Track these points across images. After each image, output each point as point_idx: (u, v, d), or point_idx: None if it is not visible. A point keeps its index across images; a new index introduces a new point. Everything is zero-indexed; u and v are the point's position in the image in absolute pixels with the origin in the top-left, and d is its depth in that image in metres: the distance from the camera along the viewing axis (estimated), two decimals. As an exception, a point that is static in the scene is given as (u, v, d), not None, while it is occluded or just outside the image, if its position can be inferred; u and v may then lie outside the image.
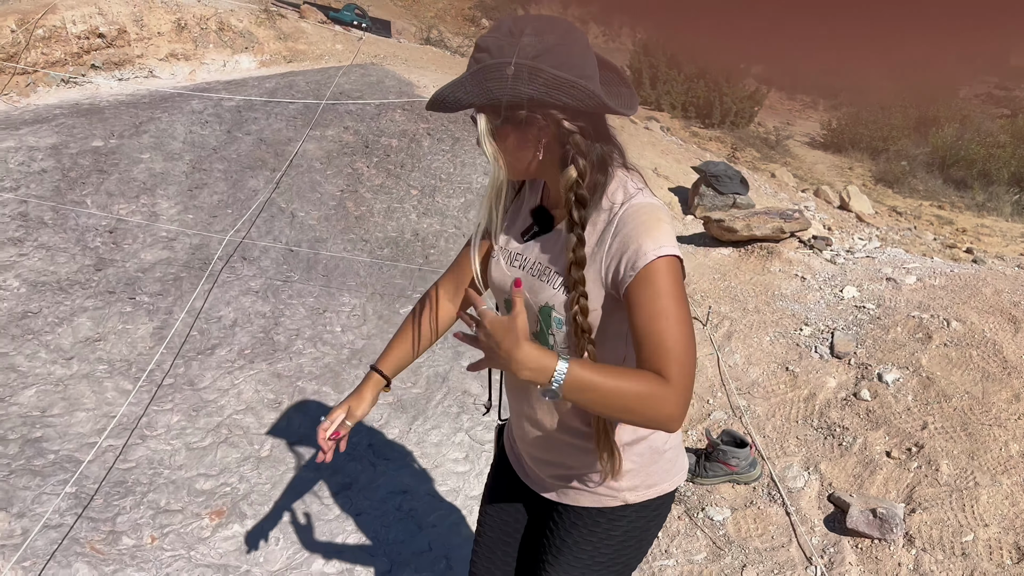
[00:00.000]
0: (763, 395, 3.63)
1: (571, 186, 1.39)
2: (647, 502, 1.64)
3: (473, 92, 1.35)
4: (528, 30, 1.33)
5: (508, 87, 1.32)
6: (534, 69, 1.31)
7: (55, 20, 5.72)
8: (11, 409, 3.19)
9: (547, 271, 1.49)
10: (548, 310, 1.46)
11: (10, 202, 4.22)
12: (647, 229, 1.36)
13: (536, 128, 1.39)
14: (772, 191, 7.57)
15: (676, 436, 1.67)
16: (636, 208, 1.40)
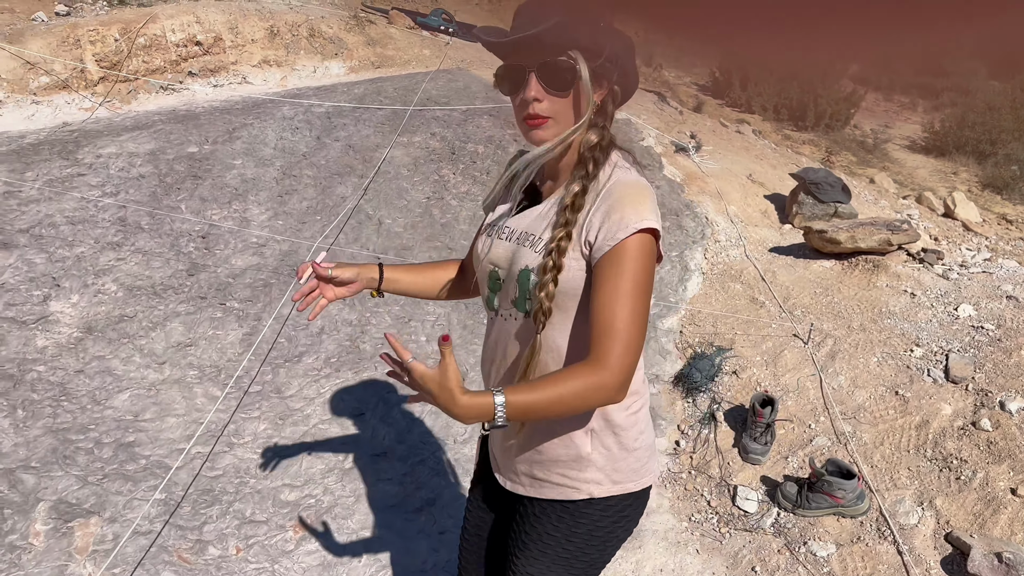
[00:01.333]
0: (870, 421, 3.39)
1: (592, 147, 1.45)
2: (612, 499, 1.61)
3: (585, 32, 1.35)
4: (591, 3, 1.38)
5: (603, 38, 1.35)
6: (616, 30, 1.37)
7: (155, 29, 5.88)
8: (106, 413, 3.25)
9: (529, 237, 1.50)
10: (527, 273, 1.47)
11: (110, 207, 4.32)
12: (630, 201, 1.39)
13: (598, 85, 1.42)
14: (872, 198, 7.20)
15: (648, 436, 1.66)
16: (623, 182, 1.43)
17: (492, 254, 1.59)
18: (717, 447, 3.42)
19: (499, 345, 1.62)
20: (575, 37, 1.35)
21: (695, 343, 3.97)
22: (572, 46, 1.36)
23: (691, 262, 4.59)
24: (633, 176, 1.46)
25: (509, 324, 1.58)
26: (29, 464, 2.95)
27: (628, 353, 1.33)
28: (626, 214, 1.37)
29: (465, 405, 1.24)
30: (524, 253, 1.50)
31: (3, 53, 5.16)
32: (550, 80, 1.41)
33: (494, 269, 1.58)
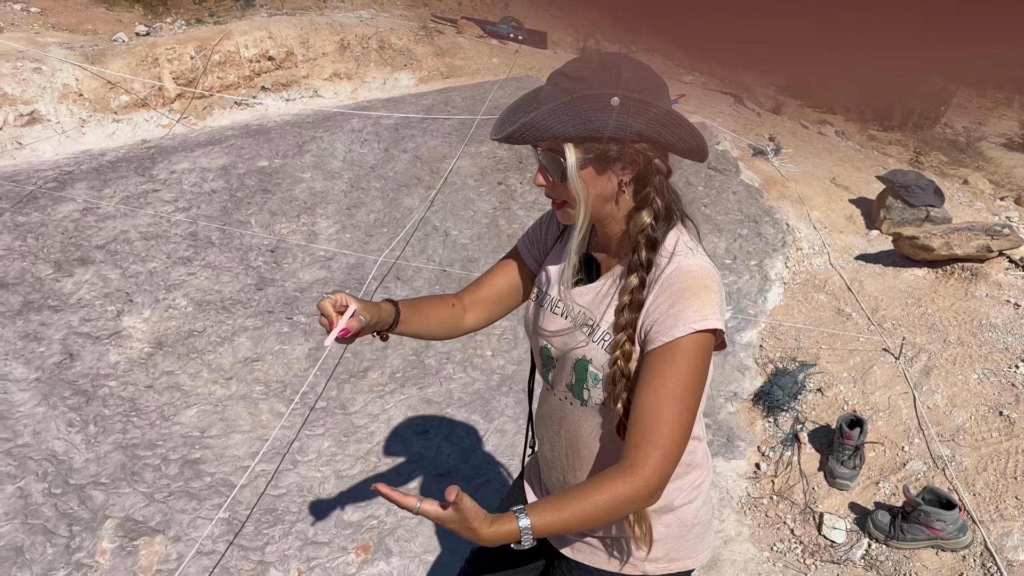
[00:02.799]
0: (971, 444, 3.12)
1: (643, 228, 1.35)
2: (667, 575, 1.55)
3: (569, 122, 1.26)
4: (625, 65, 1.27)
5: (612, 119, 1.25)
6: (643, 103, 1.25)
7: (229, 45, 5.98)
8: (174, 429, 3.25)
9: (588, 322, 1.42)
10: (584, 363, 1.41)
11: (182, 222, 4.38)
12: (694, 295, 1.30)
13: (621, 164, 1.32)
14: (966, 200, 6.78)
15: (707, 511, 1.59)
16: (686, 269, 1.33)
17: (545, 329, 1.51)
18: (801, 471, 3.20)
19: (553, 422, 1.56)
20: (561, 130, 1.26)
21: (776, 358, 3.75)
22: (558, 136, 1.28)
23: (771, 271, 4.36)
24: (696, 262, 1.35)
25: (564, 406, 1.52)
26: (99, 480, 2.97)
27: (667, 463, 1.25)
28: (685, 310, 1.29)
29: (489, 537, 1.20)
30: (578, 338, 1.43)
31: (86, 73, 5.31)
32: (548, 167, 1.35)
33: (547, 346, 1.52)
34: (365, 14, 7.38)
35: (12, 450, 3.00)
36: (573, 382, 1.45)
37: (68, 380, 3.36)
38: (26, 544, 2.67)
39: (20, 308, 3.64)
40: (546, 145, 1.31)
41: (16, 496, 2.82)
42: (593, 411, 1.44)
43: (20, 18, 5.90)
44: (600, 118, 1.25)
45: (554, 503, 1.23)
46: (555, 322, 1.50)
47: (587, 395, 1.43)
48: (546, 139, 1.29)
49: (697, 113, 6.32)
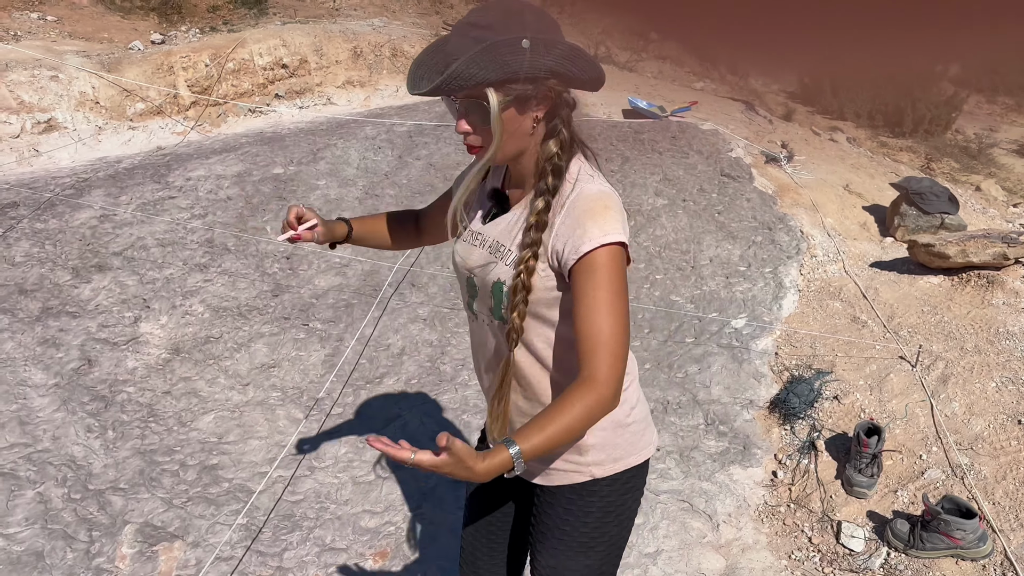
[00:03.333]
0: (990, 453, 3.11)
1: (550, 157, 1.46)
2: (616, 475, 1.68)
3: (489, 68, 1.33)
4: (526, 10, 1.36)
5: (527, 60, 1.33)
6: (549, 41, 1.35)
7: (244, 53, 6.02)
8: (191, 435, 3.27)
9: (500, 248, 1.54)
10: (500, 285, 1.52)
11: (198, 229, 4.41)
12: (594, 214, 1.42)
13: (535, 101, 1.41)
14: (979, 207, 6.76)
15: (641, 409, 1.73)
16: (588, 193, 1.46)
17: (468, 260, 1.62)
18: (818, 479, 3.19)
19: (485, 347, 1.69)
20: (483, 76, 1.34)
21: (792, 366, 3.74)
22: (481, 83, 1.35)
23: (786, 279, 4.36)
24: (596, 187, 1.48)
25: (491, 328, 1.63)
26: (118, 486, 2.99)
27: (617, 363, 1.39)
28: (589, 228, 1.41)
29: (484, 471, 1.28)
30: (495, 266, 1.54)
31: (103, 81, 5.36)
32: (470, 114, 1.43)
33: (470, 276, 1.62)
34: (378, 22, 7.42)
35: (32, 455, 3.02)
36: (492, 304, 1.56)
37: (86, 386, 3.38)
38: (46, 549, 2.68)
39: (39, 314, 3.67)
40: (466, 93, 1.38)
41: (36, 501, 2.84)
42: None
43: (37, 26, 5.95)
44: (516, 60, 1.33)
45: (536, 427, 1.33)
46: (473, 253, 1.60)
47: (505, 314, 1.54)
48: (470, 86, 1.35)
49: (710, 120, 6.33)
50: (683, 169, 5.38)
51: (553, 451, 1.44)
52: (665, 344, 3.93)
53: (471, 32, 1.35)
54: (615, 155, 5.55)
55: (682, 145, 5.73)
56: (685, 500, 3.11)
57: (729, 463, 3.30)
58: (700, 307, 4.18)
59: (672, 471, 3.23)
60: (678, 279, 4.40)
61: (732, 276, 4.40)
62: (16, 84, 5.01)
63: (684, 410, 3.53)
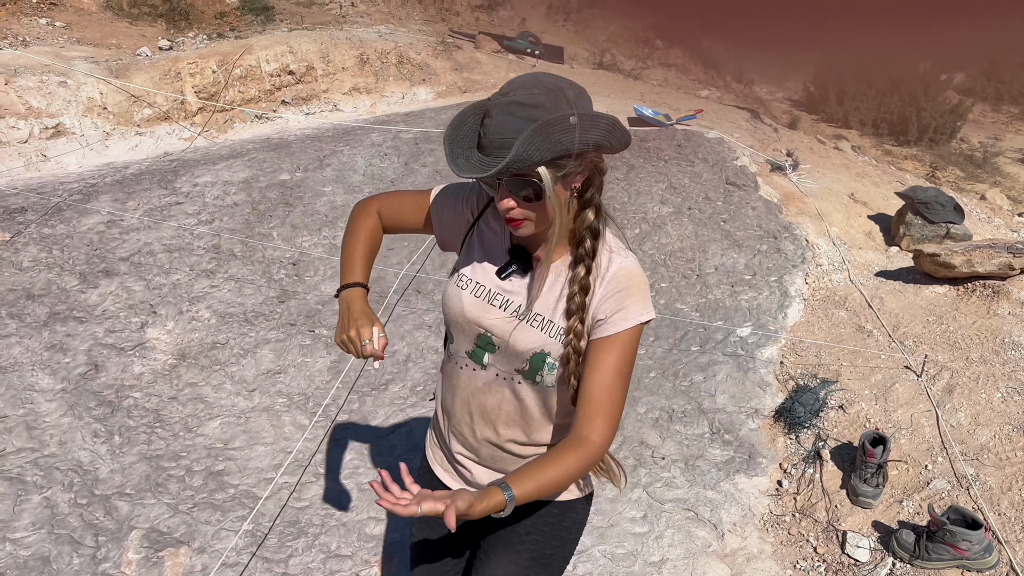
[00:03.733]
0: (995, 463, 3.11)
1: (589, 225, 1.51)
2: (589, 494, 1.82)
3: (543, 147, 1.35)
4: (565, 86, 1.40)
5: (578, 136, 1.37)
6: (593, 116, 1.39)
7: (251, 60, 6.04)
8: (197, 440, 3.28)
9: (537, 317, 1.57)
10: (542, 356, 1.57)
11: (205, 235, 4.42)
12: (638, 291, 1.53)
13: (575, 175, 1.45)
14: (984, 216, 6.75)
15: None
16: (627, 268, 1.55)
17: (484, 319, 1.61)
18: (823, 488, 3.19)
19: (491, 397, 1.67)
20: (540, 156, 1.36)
21: (797, 375, 3.74)
22: (538, 163, 1.37)
23: (791, 287, 4.36)
24: (632, 262, 1.56)
25: (510, 384, 1.64)
26: (124, 491, 3.00)
27: (613, 428, 1.51)
28: (632, 305, 1.51)
29: (480, 512, 1.35)
30: (533, 334, 1.56)
31: (111, 87, 5.38)
32: (518, 193, 1.44)
33: (486, 334, 1.62)
34: (384, 29, 7.44)
35: (39, 460, 3.03)
36: (527, 369, 1.60)
37: (93, 391, 3.39)
38: (53, 554, 2.69)
39: (46, 319, 3.68)
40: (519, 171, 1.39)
41: (43, 506, 2.85)
42: (542, 388, 1.62)
43: (46, 32, 5.98)
44: (567, 138, 1.36)
45: (531, 476, 1.44)
46: (491, 312, 1.60)
47: (540, 378, 1.60)
48: (529, 167, 1.37)
49: (715, 128, 6.34)
50: (688, 177, 5.39)
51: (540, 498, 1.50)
52: (670, 352, 3.94)
53: (520, 111, 1.36)
54: (620, 163, 5.56)
55: (687, 153, 5.74)
56: (690, 509, 3.11)
57: (734, 472, 3.30)
58: (705, 315, 4.18)
59: (677, 480, 3.23)
60: (683, 287, 4.40)
61: (737, 284, 4.40)
62: (24, 89, 5.04)
63: (689, 419, 3.53)
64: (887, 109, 11.59)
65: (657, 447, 3.40)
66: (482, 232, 1.67)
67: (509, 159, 1.33)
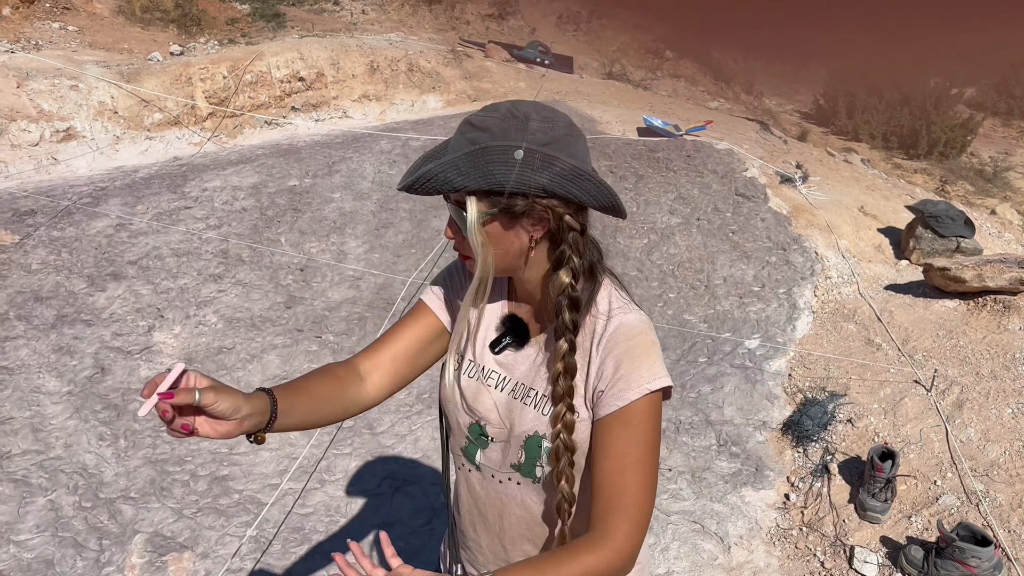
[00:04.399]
0: (1005, 480, 3.08)
1: (563, 290, 1.25)
2: None
3: (471, 175, 1.19)
4: (534, 115, 1.19)
5: (515, 173, 1.17)
6: (548, 156, 1.18)
7: (261, 66, 6.07)
8: (202, 445, 3.27)
9: (531, 393, 1.33)
10: (537, 440, 1.32)
11: (213, 240, 4.43)
12: (642, 353, 1.26)
13: (531, 221, 1.23)
14: (995, 231, 6.71)
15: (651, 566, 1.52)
16: (629, 327, 1.28)
17: (478, 404, 1.38)
18: (831, 502, 3.16)
19: (490, 506, 1.44)
20: (461, 182, 1.20)
21: (805, 388, 3.72)
22: (458, 189, 1.21)
23: (800, 300, 4.34)
24: (634, 317, 1.30)
25: (508, 488, 1.40)
26: (129, 495, 2.99)
27: (637, 531, 1.20)
28: (636, 370, 1.24)
29: None
30: (526, 414, 1.33)
31: (122, 91, 5.41)
32: (455, 219, 1.28)
33: (478, 423, 1.39)
34: (395, 37, 7.47)
35: (44, 462, 3.03)
36: (522, 460, 1.35)
37: (99, 394, 3.39)
38: (56, 557, 2.68)
39: (54, 321, 3.69)
40: (454, 197, 1.24)
41: (47, 509, 2.85)
42: (547, 488, 1.35)
43: (58, 36, 6.02)
44: (501, 172, 1.18)
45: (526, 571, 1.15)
46: (490, 395, 1.37)
47: (540, 472, 1.34)
48: (446, 191, 1.22)
49: (724, 139, 6.33)
50: (698, 188, 5.38)
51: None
52: (678, 363, 3.92)
53: (468, 132, 1.21)
54: (629, 173, 5.55)
55: (697, 164, 5.74)
56: (696, 521, 3.09)
57: (741, 485, 3.27)
58: (713, 327, 4.16)
59: (684, 492, 3.21)
60: (691, 298, 4.39)
61: (746, 296, 4.38)
62: (36, 93, 5.06)
63: (696, 430, 3.51)
64: (897, 122, 11.58)
65: (664, 458, 3.37)
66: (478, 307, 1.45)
67: (419, 173, 1.22)
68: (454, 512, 1.56)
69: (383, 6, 8.49)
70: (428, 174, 1.21)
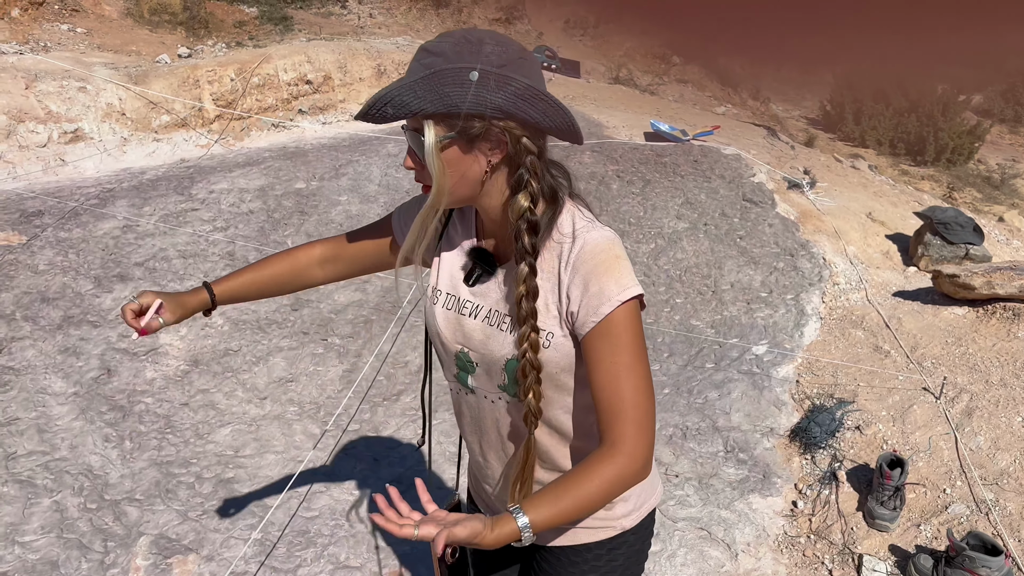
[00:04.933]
0: (1016, 489, 3.05)
1: (522, 214, 1.29)
2: (640, 523, 1.58)
3: (426, 98, 1.21)
4: (488, 39, 1.22)
5: (471, 94, 1.20)
6: (503, 77, 1.20)
7: (269, 69, 6.07)
8: (208, 447, 3.26)
9: (504, 319, 1.39)
10: (513, 363, 1.37)
11: (220, 242, 4.43)
12: (607, 268, 1.29)
13: (488, 144, 1.26)
14: (1003, 238, 6.69)
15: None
16: (593, 245, 1.31)
17: (460, 334, 1.45)
18: (839, 510, 3.14)
19: (487, 424, 1.52)
20: (418, 105, 1.21)
21: (813, 394, 3.70)
22: (414, 112, 1.23)
23: (808, 306, 4.32)
24: (598, 235, 1.33)
25: (498, 406, 1.47)
26: (134, 496, 2.98)
27: (643, 432, 1.28)
28: (605, 286, 1.29)
29: (493, 542, 1.20)
30: (501, 339, 1.39)
31: (129, 93, 5.41)
32: (414, 148, 1.30)
33: (463, 350, 1.45)
34: (402, 40, 7.48)
35: (49, 463, 3.02)
36: (505, 381, 1.42)
37: (105, 395, 3.39)
38: (61, 559, 2.67)
39: (60, 323, 3.69)
40: (411, 123, 1.26)
41: (52, 510, 2.84)
42: None
43: (67, 38, 6.03)
44: (457, 93, 1.20)
45: (549, 497, 1.24)
46: (464, 324, 1.44)
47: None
48: (403, 115, 1.24)
49: (732, 144, 6.32)
50: (705, 193, 5.37)
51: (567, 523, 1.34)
52: (685, 369, 3.90)
53: (423, 58, 1.23)
54: (637, 178, 5.54)
55: (704, 169, 5.72)
56: (703, 528, 3.07)
57: (748, 491, 3.25)
58: (721, 332, 4.15)
59: (691, 498, 3.19)
60: (699, 303, 4.37)
61: (753, 302, 4.36)
62: (44, 94, 5.07)
63: (703, 436, 3.49)
64: (904, 129, 11.56)
65: (671, 464, 3.36)
66: (450, 237, 1.51)
67: (372, 98, 1.23)
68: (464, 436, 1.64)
69: (390, 10, 8.50)
70: (384, 98, 1.22)
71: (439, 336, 1.48)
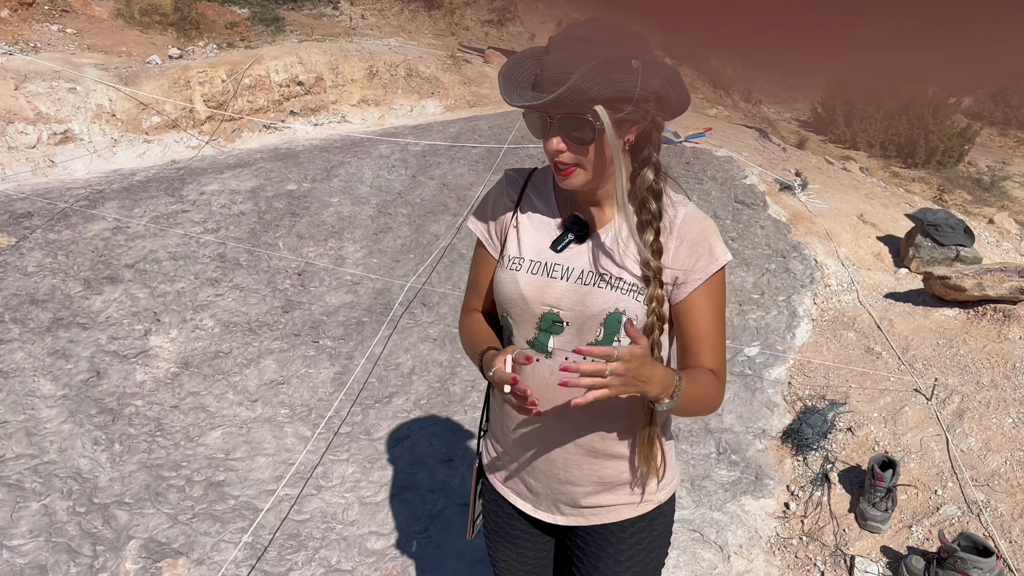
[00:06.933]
0: (1006, 490, 3.06)
1: (649, 185, 1.42)
2: (671, 496, 1.70)
3: (603, 84, 1.27)
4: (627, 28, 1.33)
5: (638, 80, 1.28)
6: (656, 63, 1.31)
7: (260, 70, 6.05)
8: (198, 450, 3.24)
9: (604, 276, 1.46)
10: (617, 316, 1.45)
11: (211, 243, 4.40)
12: (712, 234, 1.47)
13: (629, 125, 1.36)
14: (993, 240, 6.72)
15: None
16: (694, 213, 1.48)
17: (549, 295, 1.49)
18: (831, 511, 3.14)
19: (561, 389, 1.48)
20: (597, 92, 1.28)
21: (805, 396, 3.70)
22: (594, 101, 1.29)
23: (799, 308, 4.33)
24: (694, 208, 1.51)
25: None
26: (123, 500, 2.96)
27: (725, 368, 1.52)
28: (712, 249, 1.46)
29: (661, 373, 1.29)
30: (605, 294, 1.45)
31: (120, 94, 5.39)
32: (570, 133, 1.35)
33: (552, 311, 1.49)
34: (394, 42, 7.46)
35: (38, 467, 3.00)
36: (600, 337, 1.47)
37: (95, 398, 3.36)
38: (50, 563, 2.65)
39: (49, 325, 3.66)
40: (567, 110, 1.31)
41: (41, 513, 2.81)
42: None
43: (57, 39, 6.00)
44: (628, 79, 1.28)
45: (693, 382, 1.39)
46: (555, 286, 1.49)
47: (617, 342, 1.48)
48: (585, 102, 1.29)
49: (723, 146, 6.32)
50: (697, 195, 5.37)
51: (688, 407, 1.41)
52: (677, 370, 3.90)
53: (580, 47, 1.28)
54: (628, 179, 5.54)
55: (696, 171, 5.73)
56: (696, 530, 3.07)
57: (741, 493, 3.25)
58: (712, 334, 4.14)
59: (683, 500, 3.19)
60: (690, 305, 4.37)
61: (745, 304, 4.37)
62: (34, 95, 5.04)
63: (696, 438, 3.49)
64: (895, 131, 11.60)
65: (663, 466, 3.35)
66: (527, 213, 1.57)
67: (566, 87, 1.25)
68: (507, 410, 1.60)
69: (382, 11, 8.49)
70: (574, 88, 1.26)
71: (523, 300, 1.51)
